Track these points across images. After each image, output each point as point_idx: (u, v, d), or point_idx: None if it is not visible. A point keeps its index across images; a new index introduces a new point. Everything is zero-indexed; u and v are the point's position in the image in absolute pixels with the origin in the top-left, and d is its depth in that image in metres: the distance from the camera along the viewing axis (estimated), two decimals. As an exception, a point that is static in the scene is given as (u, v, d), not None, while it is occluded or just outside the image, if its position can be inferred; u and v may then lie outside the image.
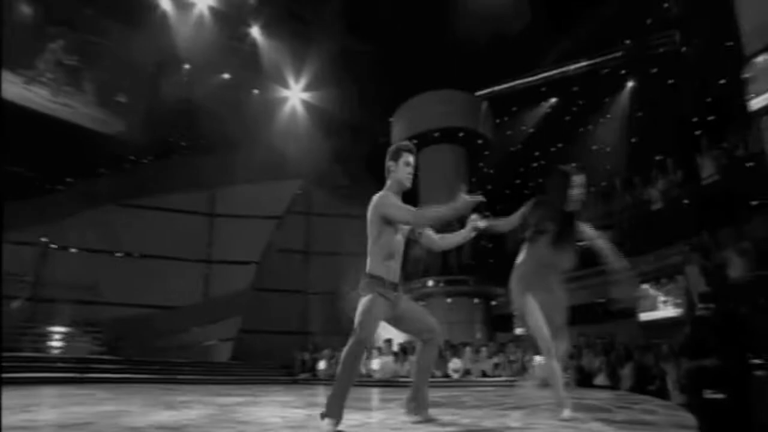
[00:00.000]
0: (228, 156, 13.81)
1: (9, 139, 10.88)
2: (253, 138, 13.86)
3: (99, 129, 12.72)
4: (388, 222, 2.67)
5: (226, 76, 14.28)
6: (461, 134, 13.43)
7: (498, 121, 14.42)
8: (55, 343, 10.70)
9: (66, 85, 12.53)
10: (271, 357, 12.61)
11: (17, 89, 11.59)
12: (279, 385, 9.92)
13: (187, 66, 14.16)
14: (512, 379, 9.32)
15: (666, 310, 8.33)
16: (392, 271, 2.72)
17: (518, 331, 11.44)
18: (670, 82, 10.18)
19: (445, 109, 13.50)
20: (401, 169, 2.73)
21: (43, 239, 11.94)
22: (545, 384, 3.07)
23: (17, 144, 11.11)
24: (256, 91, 14.80)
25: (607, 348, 8.34)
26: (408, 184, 2.76)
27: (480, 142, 13.78)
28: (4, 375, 8.32)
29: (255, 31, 13.41)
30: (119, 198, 13.03)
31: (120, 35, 12.94)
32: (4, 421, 3.14)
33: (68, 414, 3.65)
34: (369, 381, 9.82)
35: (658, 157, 9.57)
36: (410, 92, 13.70)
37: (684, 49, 10.26)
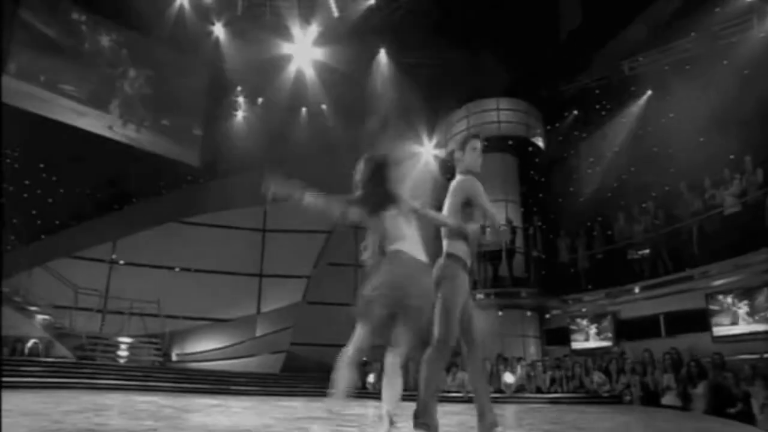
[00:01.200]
0: (277, 173, 14.15)
1: (85, 165, 11.95)
2: (301, 155, 14.18)
3: (179, 159, 13.87)
4: (468, 206, 2.63)
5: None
6: (510, 142, 13.06)
7: (549, 127, 13.91)
8: (122, 353, 11.32)
9: (147, 120, 13.77)
10: (321, 370, 12.61)
11: (100, 123, 12.87)
12: (329, 398, 9.89)
13: (238, 88, 14.81)
14: (569, 395, 8.81)
15: (747, 324, 7.56)
16: (470, 255, 2.64)
17: (574, 345, 10.88)
18: (745, 72, 9.30)
19: (493, 117, 13.21)
20: (468, 155, 2.72)
21: (113, 256, 12.79)
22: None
23: (93, 170, 12.18)
24: (303, 109, 15.19)
25: (676, 364, 7.69)
26: (477, 169, 2.72)
27: (531, 149, 13.35)
28: (81, 381, 8.95)
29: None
30: (178, 216, 13.68)
31: (179, 65, 13.84)
32: (83, 424, 3.37)
33: (134, 416, 3.78)
34: (413, 394, 9.60)
35: (731, 156, 8.78)
36: (457, 102, 13.53)
37: (762, 35, 9.39)
